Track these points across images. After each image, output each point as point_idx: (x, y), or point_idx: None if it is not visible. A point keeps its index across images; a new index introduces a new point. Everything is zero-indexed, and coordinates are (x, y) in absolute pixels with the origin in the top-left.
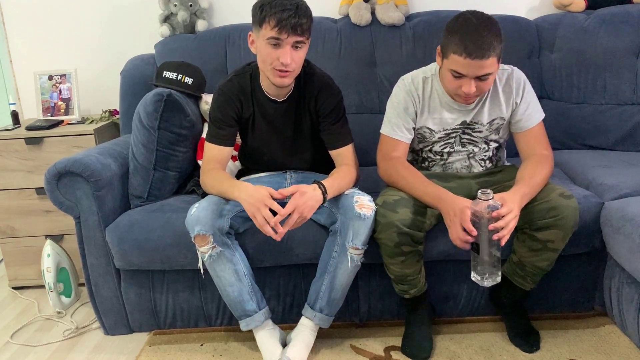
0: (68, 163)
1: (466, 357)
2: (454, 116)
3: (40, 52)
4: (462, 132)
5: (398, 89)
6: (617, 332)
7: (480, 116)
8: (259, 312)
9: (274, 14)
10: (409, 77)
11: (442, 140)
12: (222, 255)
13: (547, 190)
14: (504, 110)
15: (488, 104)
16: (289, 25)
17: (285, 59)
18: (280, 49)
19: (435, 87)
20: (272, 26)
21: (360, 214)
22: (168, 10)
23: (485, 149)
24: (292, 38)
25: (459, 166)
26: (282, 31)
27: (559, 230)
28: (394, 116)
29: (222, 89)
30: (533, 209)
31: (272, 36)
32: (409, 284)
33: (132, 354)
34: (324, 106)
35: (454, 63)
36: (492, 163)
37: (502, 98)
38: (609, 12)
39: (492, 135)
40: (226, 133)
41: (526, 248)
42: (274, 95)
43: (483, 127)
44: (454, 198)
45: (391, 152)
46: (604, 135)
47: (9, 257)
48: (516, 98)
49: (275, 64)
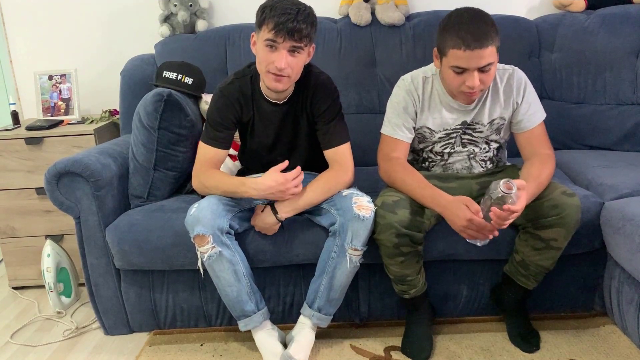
0: (68, 163)
1: (466, 357)
2: (454, 116)
3: (40, 52)
4: (462, 133)
5: (398, 89)
6: (617, 332)
7: (481, 116)
8: (257, 312)
9: (273, 16)
10: (409, 77)
11: (443, 141)
12: (222, 256)
13: (549, 189)
14: (505, 110)
15: (489, 103)
16: (285, 28)
17: (279, 63)
18: (276, 53)
19: (435, 87)
20: (269, 28)
21: (359, 215)
22: (168, 11)
23: (486, 149)
24: (289, 42)
25: (459, 167)
26: (279, 34)
27: (562, 229)
28: (394, 116)
29: (222, 91)
30: (536, 207)
31: (268, 38)
32: (408, 284)
33: (132, 354)
34: (318, 105)
35: (454, 58)
36: (492, 164)
37: (502, 98)
38: (609, 12)
39: (493, 136)
40: (224, 136)
41: (530, 247)
42: (273, 99)
43: (484, 127)
44: (454, 207)
45: (391, 152)
46: (604, 135)
47: (9, 257)
48: (517, 98)
49: (270, 67)
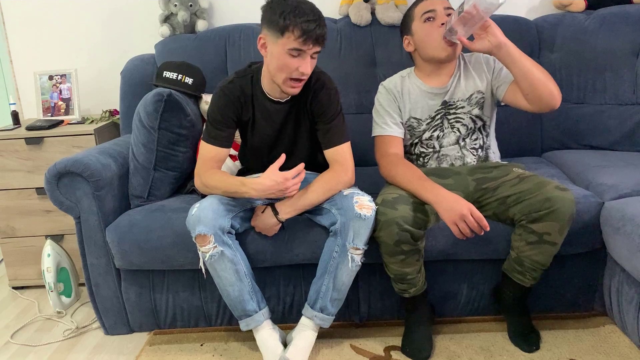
0: (68, 163)
1: (466, 357)
2: (435, 101)
3: (40, 52)
4: (445, 113)
5: (378, 94)
6: (617, 332)
7: (459, 93)
8: (259, 312)
9: (299, 24)
10: (387, 80)
11: (430, 126)
12: (223, 255)
13: (542, 184)
14: (480, 83)
15: (462, 80)
16: (314, 36)
17: (306, 68)
18: (301, 59)
19: (412, 81)
20: (296, 36)
21: (360, 214)
22: (168, 11)
23: (472, 129)
24: (315, 48)
25: (452, 157)
26: (307, 42)
27: (555, 222)
28: (379, 117)
29: (223, 90)
30: (529, 201)
31: (295, 47)
32: (408, 283)
33: (132, 354)
34: (319, 105)
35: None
36: (483, 151)
37: (474, 73)
38: (609, 12)
39: (475, 110)
40: (225, 134)
41: (523, 242)
42: (277, 97)
43: (464, 103)
44: (454, 198)
45: (388, 149)
46: (604, 135)
47: (9, 257)
48: (487, 70)
49: (294, 73)
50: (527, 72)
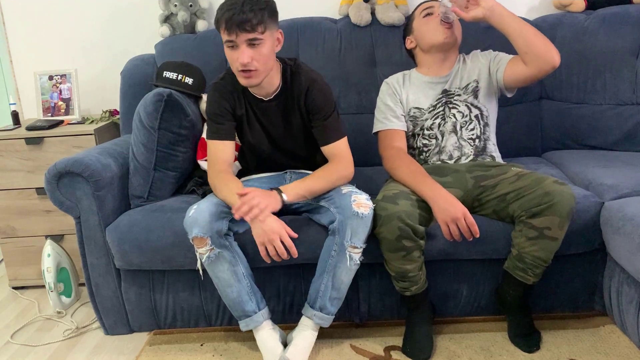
0: (68, 163)
1: (466, 357)
2: (436, 90)
3: (40, 52)
4: (446, 101)
5: (380, 91)
6: (617, 332)
7: (457, 82)
8: (258, 312)
9: (223, 15)
10: (389, 77)
11: (431, 114)
12: (221, 257)
13: (541, 179)
14: (476, 73)
15: (461, 72)
16: (236, 22)
17: (242, 58)
18: (237, 50)
19: (413, 76)
20: (223, 29)
21: (358, 212)
22: (168, 11)
23: (468, 117)
24: (244, 36)
25: (451, 147)
26: (231, 32)
27: (554, 217)
28: (380, 113)
29: (216, 86)
30: (528, 196)
31: (226, 40)
32: (409, 281)
33: (132, 354)
34: (314, 103)
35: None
36: (481, 142)
37: (471, 65)
38: (609, 12)
39: (471, 99)
40: (226, 127)
41: (524, 238)
42: (259, 95)
43: (461, 91)
44: (452, 199)
45: (392, 143)
46: (604, 135)
47: (9, 257)
48: (483, 60)
49: (236, 65)
50: (522, 29)
